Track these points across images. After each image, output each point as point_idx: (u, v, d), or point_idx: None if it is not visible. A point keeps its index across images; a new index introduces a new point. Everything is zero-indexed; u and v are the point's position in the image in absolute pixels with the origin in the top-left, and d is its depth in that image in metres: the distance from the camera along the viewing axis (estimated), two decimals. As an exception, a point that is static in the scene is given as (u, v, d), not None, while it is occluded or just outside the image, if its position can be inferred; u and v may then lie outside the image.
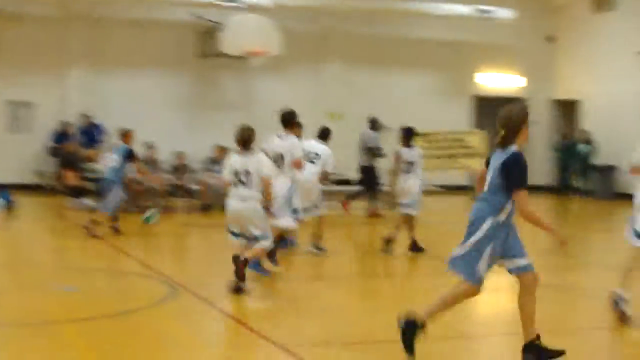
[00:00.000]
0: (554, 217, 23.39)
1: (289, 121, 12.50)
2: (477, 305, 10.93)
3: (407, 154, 14.25)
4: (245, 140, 10.64)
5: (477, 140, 24.18)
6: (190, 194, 20.85)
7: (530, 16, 28.53)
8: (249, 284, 10.51)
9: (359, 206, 20.59)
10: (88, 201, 20.23)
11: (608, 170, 26.01)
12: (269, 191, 10.73)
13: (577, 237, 17.61)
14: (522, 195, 7.21)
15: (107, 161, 16.63)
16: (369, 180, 20.34)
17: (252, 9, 23.35)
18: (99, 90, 24.10)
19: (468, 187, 20.30)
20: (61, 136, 23.09)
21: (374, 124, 20.67)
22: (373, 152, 20.30)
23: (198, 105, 24.92)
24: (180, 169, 21.24)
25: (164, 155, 21.65)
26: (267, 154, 11.63)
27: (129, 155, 16.03)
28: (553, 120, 29.49)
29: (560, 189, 27.56)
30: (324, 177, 14.16)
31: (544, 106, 29.44)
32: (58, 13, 23.78)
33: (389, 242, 14.02)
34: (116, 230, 16.01)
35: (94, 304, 9.91)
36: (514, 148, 7.40)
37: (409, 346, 7.41)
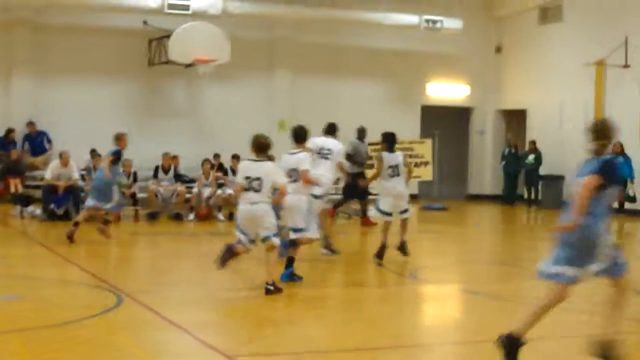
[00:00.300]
0: (501, 226, 23.57)
1: (301, 137, 12.46)
2: (425, 314, 10.95)
3: (390, 158, 14.35)
4: (260, 147, 11.21)
5: (426, 149, 24.32)
6: (137, 201, 20.66)
7: (478, 27, 28.75)
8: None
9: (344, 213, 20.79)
10: (32, 209, 20.03)
11: (554, 180, 26.23)
12: (283, 197, 11.38)
13: (524, 245, 17.72)
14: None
15: (100, 164, 17.04)
16: (355, 189, 19.67)
17: (201, 16, 23.24)
18: (44, 97, 23.78)
19: (417, 195, 20.35)
20: (5, 143, 22.77)
21: (361, 134, 20.47)
22: (360, 161, 20.03)
23: (146, 113, 24.73)
24: (127, 176, 21.05)
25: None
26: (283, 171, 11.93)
27: (115, 157, 16.22)
28: (500, 130, 29.72)
29: (507, 198, 27.74)
30: (340, 168, 14.62)
31: (491, 116, 29.68)
32: (1, 18, 23.45)
33: (402, 246, 14.38)
34: (104, 232, 16.27)
35: (37, 313, 9.76)
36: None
37: None
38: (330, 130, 15.02)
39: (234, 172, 21.86)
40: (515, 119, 29.10)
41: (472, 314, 11.05)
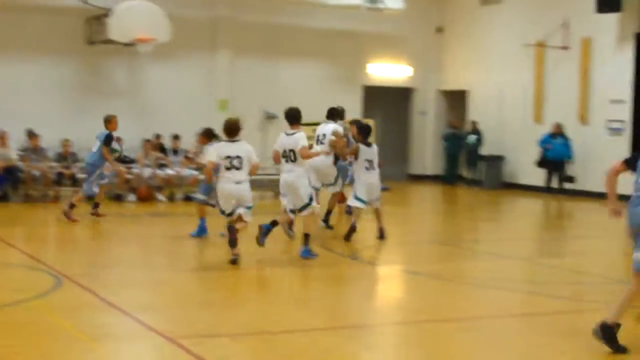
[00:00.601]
0: (442, 207, 23.72)
1: (296, 118, 12.90)
2: (367, 295, 10.97)
3: (366, 151, 14.65)
4: (232, 130, 11.97)
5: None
6: (76, 182, 20.40)
7: (419, 7, 28.78)
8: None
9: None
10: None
11: (495, 160, 26.45)
12: (255, 172, 12.31)
13: (464, 226, 17.84)
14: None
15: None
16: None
17: (141, -5, 22.96)
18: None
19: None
20: None
21: (340, 114, 20.21)
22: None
23: (85, 93, 24.38)
24: (66, 157, 20.78)
25: (50, 143, 21.15)
26: (278, 151, 12.64)
27: (106, 141, 16.87)
28: (441, 111, 29.85)
29: (448, 179, 27.90)
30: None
31: (432, 96, 29.78)
32: None
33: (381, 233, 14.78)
34: (97, 215, 17.07)
35: (-26, 296, 9.61)
36: None
37: (617, 346, 7.88)
38: (331, 115, 15.85)
39: (175, 152, 21.74)
40: (456, 100, 29.23)
41: (413, 294, 11.10)
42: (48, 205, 19.17)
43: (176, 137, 21.79)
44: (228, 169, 11.85)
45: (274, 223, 12.72)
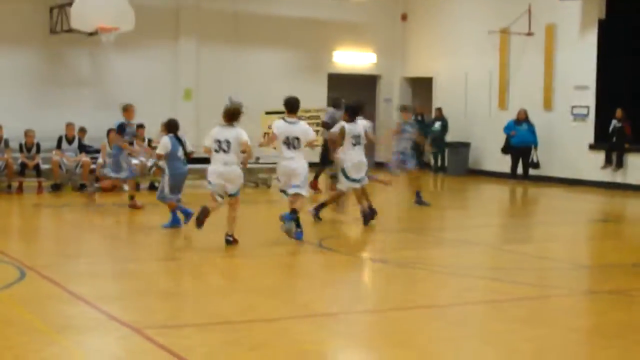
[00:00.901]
0: (407, 194, 23.74)
1: (296, 106, 13.41)
2: (334, 284, 10.95)
3: (352, 128, 14.97)
4: (231, 116, 12.58)
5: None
6: (40, 173, 20.22)
7: (385, -6, 28.82)
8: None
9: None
10: None
11: (461, 147, 26.53)
12: (249, 154, 13.12)
13: (429, 213, 17.86)
14: None
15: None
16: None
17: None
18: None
19: (320, 163, 20.18)
20: None
21: (337, 102, 20.28)
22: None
23: (48, 83, 24.18)
24: (29, 147, 20.58)
25: (13, 133, 20.91)
26: (278, 137, 13.05)
27: (120, 129, 17.14)
28: (407, 98, 29.87)
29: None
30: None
31: (397, 84, 29.82)
32: None
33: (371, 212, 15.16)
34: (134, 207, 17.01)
35: None
36: None
37: None
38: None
39: (140, 141, 21.56)
40: (421, 87, 29.28)
41: (380, 282, 11.10)
42: (12, 197, 19.01)
43: (141, 127, 21.63)
44: (217, 151, 12.51)
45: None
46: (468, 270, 11.47)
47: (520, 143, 24.07)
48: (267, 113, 20.11)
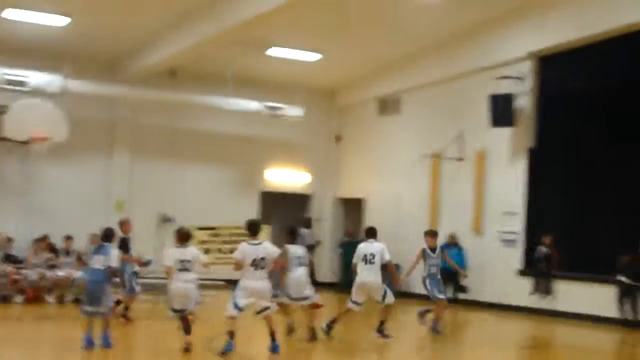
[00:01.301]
0: (338, 318, 23.53)
1: (257, 228, 13.86)
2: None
3: (294, 250, 15.86)
4: (184, 237, 13.50)
5: (263, 235, 24.15)
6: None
7: (319, 116, 29.17)
8: None
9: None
10: None
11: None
12: (206, 269, 13.86)
13: (361, 335, 17.68)
14: None
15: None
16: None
17: (38, 93, 22.69)
18: None
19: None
20: None
21: (308, 223, 20.66)
22: (310, 247, 20.28)
23: (-24, 190, 23.89)
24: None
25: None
26: (244, 259, 13.32)
27: (122, 245, 16.36)
28: (338, 218, 29.98)
29: (344, 286, 27.79)
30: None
31: (329, 204, 29.93)
32: None
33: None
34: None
35: None
36: None
37: None
38: (372, 233, 16.44)
39: (68, 253, 21.22)
40: (353, 208, 29.41)
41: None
42: None
43: (69, 238, 21.33)
44: (181, 270, 13.13)
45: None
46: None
47: (449, 267, 24.08)
48: (200, 229, 19.99)
